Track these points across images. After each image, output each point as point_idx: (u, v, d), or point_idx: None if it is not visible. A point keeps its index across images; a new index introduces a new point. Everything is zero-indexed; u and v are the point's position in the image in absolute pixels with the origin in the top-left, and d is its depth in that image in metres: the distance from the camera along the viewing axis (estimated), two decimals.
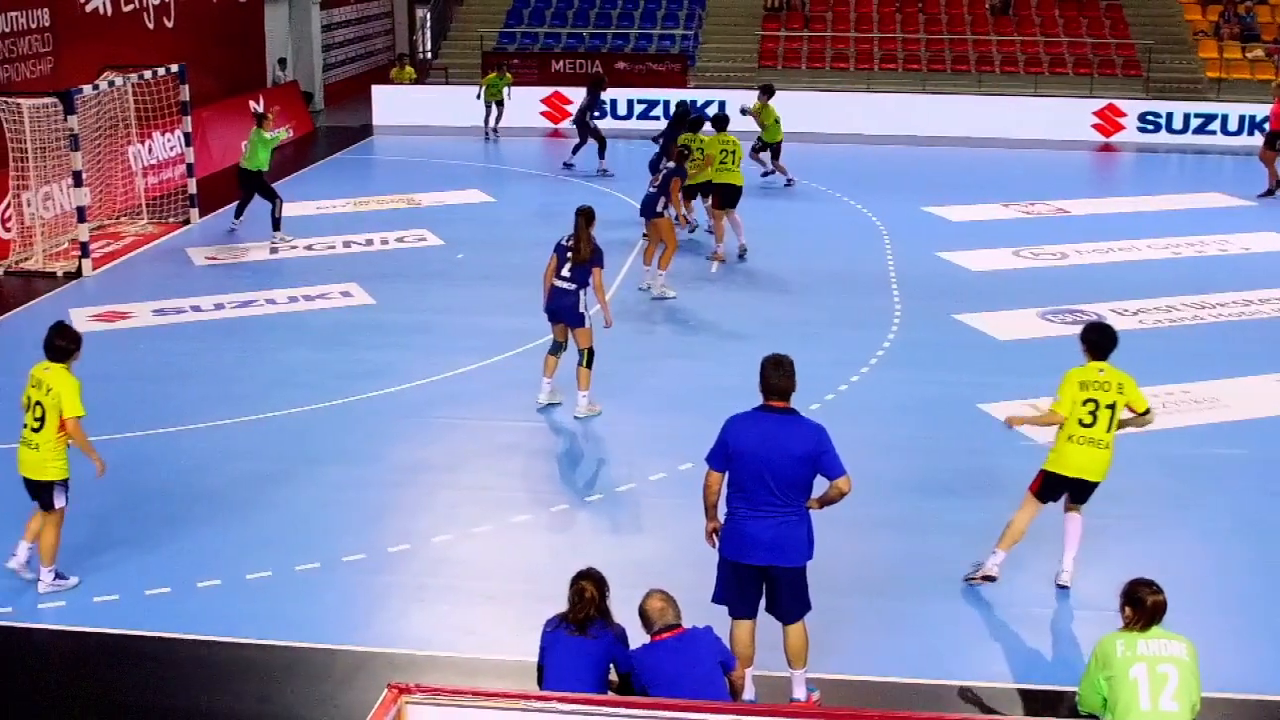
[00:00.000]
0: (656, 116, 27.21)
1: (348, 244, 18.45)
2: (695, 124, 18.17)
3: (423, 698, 5.40)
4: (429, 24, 36.60)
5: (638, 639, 6.73)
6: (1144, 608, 6.30)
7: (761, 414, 7.22)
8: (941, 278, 16.98)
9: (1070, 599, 8.82)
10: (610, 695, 6.46)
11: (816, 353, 12.40)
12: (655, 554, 9.25)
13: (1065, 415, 8.52)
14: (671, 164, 15.96)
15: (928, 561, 9.31)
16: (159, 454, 10.96)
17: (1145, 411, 8.62)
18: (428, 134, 27.47)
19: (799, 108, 27.10)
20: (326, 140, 27.36)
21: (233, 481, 10.53)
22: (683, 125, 18.44)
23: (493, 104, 26.87)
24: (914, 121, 27.85)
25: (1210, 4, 31.30)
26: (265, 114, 18.47)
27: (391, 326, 14.60)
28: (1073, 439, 8.53)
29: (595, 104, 23.96)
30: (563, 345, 11.93)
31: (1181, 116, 27.97)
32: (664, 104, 27.52)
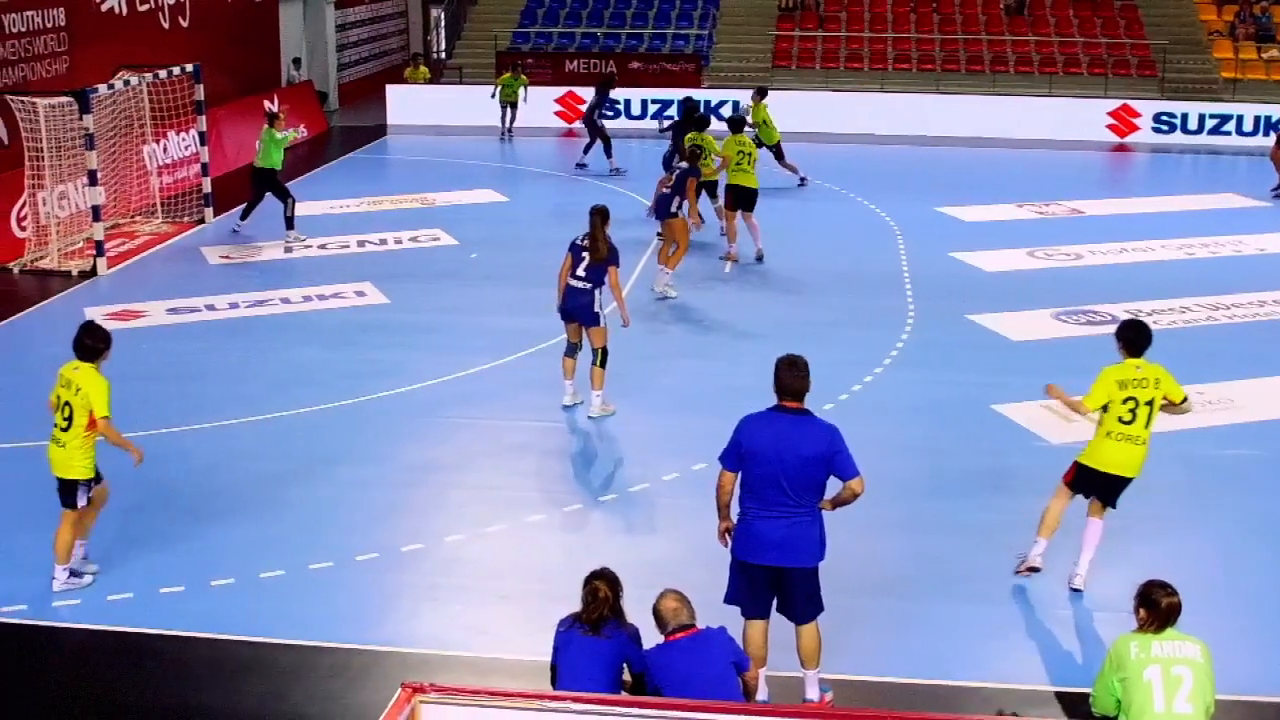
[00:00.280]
0: (670, 116, 27.18)
1: (362, 243, 18.48)
2: (700, 123, 18.15)
3: (436, 697, 5.39)
4: (443, 24, 36.59)
5: (651, 639, 6.72)
6: (1158, 609, 6.28)
7: (775, 414, 7.21)
8: (955, 278, 16.95)
9: (1085, 600, 8.79)
10: (623, 695, 6.45)
11: (829, 353, 12.35)
12: (669, 554, 9.25)
13: (1090, 410, 8.58)
14: (685, 164, 15.97)
15: (941, 562, 9.30)
16: (172, 452, 10.97)
17: (1183, 400, 8.68)
18: (442, 134, 27.50)
19: (812, 107, 27.18)
20: (341, 140, 27.40)
21: (246, 480, 10.55)
22: (690, 123, 18.44)
23: (508, 105, 26.88)
24: (928, 121, 27.80)
25: (1225, 4, 31.18)
26: (276, 113, 18.50)
27: (404, 326, 14.62)
28: (1111, 435, 8.56)
29: (603, 103, 23.99)
30: (577, 346, 11.92)
31: (1196, 117, 27.88)
32: (677, 104, 27.48)
